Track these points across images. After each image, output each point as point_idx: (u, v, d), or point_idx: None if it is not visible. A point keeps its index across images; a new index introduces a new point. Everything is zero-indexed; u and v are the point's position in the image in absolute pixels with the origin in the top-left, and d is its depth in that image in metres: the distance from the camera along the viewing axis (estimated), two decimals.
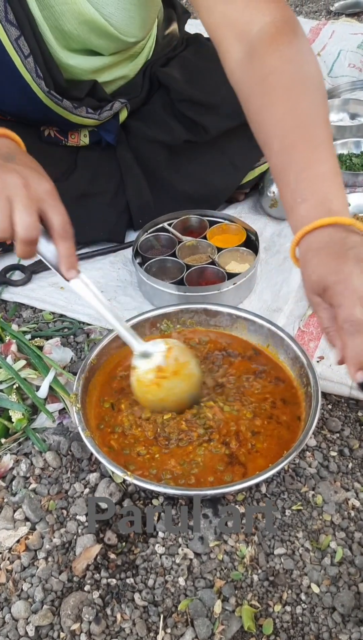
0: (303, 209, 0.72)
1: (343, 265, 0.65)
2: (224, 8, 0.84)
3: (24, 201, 0.71)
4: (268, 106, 0.79)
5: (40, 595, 0.73)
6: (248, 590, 0.73)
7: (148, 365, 0.84)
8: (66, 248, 0.76)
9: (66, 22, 1.00)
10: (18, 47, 0.96)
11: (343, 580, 0.73)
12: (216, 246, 1.16)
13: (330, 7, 2.50)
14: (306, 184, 0.73)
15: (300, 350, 0.90)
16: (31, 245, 0.73)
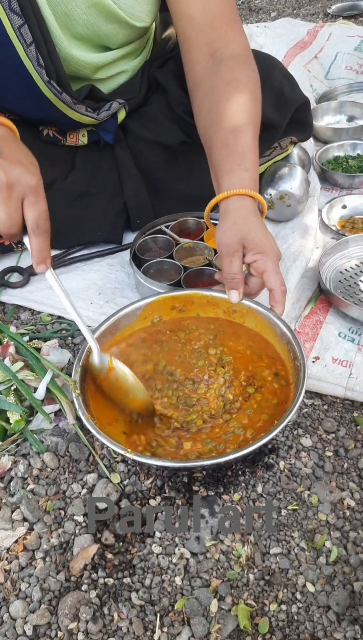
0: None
1: None
2: (206, 29, 1.03)
3: (5, 202, 0.76)
4: (226, 100, 0.98)
5: (38, 594, 0.73)
6: (244, 589, 0.73)
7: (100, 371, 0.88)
8: (37, 243, 0.80)
9: (75, 7, 1.02)
10: (21, 35, 0.97)
11: (338, 579, 0.73)
12: (213, 248, 1.16)
13: (327, 10, 2.51)
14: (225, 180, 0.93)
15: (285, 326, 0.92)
16: (13, 238, 0.81)
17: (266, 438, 0.76)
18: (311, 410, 0.94)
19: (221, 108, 0.98)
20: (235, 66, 1.02)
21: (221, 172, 0.95)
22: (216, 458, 0.76)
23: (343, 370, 0.97)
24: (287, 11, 2.63)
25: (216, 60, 1.03)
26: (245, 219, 0.90)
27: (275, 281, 0.88)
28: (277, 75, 1.23)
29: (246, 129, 0.97)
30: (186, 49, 1.07)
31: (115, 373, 0.87)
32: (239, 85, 1.00)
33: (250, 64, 1.05)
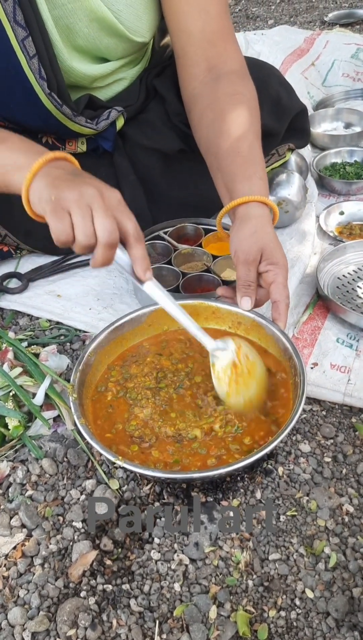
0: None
1: None
2: (205, 45, 1.05)
3: (103, 208, 0.76)
4: (232, 111, 1.00)
5: (37, 601, 0.73)
6: (243, 595, 0.73)
7: (225, 361, 0.86)
8: (141, 250, 0.81)
9: (77, 20, 1.03)
10: (24, 47, 0.98)
11: (337, 585, 0.73)
12: (211, 254, 1.17)
13: (324, 18, 2.53)
14: (241, 186, 0.95)
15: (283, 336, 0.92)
16: (112, 249, 0.78)
17: (258, 455, 0.76)
18: (309, 416, 0.94)
19: (228, 118, 1.00)
20: (236, 80, 1.05)
21: (237, 177, 0.96)
22: (209, 471, 0.77)
23: (341, 376, 0.97)
24: (284, 19, 2.64)
25: (214, 75, 1.05)
26: (264, 228, 0.91)
27: (282, 294, 0.89)
28: (274, 83, 1.24)
29: (255, 140, 1.00)
30: (183, 64, 1.09)
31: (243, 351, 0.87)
32: (242, 98, 1.03)
33: (249, 79, 1.08)
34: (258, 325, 0.97)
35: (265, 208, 0.93)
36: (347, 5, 2.69)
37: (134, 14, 1.05)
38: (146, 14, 1.07)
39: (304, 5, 2.75)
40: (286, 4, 2.81)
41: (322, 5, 2.72)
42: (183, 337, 1.01)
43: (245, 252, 0.90)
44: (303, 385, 0.84)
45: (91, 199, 0.76)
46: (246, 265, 0.90)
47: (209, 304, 1.01)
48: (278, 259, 0.90)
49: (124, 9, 1.04)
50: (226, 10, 1.08)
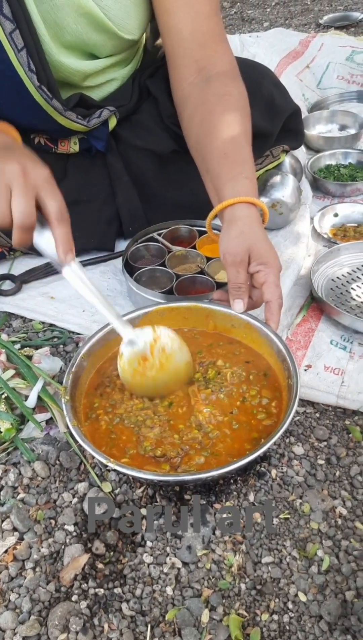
0: None
1: None
2: (195, 47, 1.05)
3: (22, 188, 0.75)
4: (221, 112, 1.01)
5: (28, 605, 0.73)
6: (235, 599, 0.73)
7: (133, 354, 0.86)
8: (63, 232, 0.79)
9: (65, 16, 1.02)
10: (12, 40, 0.97)
11: (330, 589, 0.73)
12: (205, 256, 1.17)
13: (319, 20, 2.54)
14: (227, 189, 0.94)
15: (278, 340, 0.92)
16: (28, 232, 0.77)
17: (251, 457, 0.76)
18: (303, 418, 0.94)
19: (216, 119, 1.00)
20: (226, 81, 1.05)
21: (223, 179, 0.96)
22: (201, 473, 0.76)
23: (335, 378, 0.97)
24: (280, 21, 2.65)
25: (204, 77, 1.06)
26: (252, 229, 0.91)
27: (274, 294, 0.89)
28: (267, 84, 1.24)
29: (244, 141, 1.00)
30: (174, 65, 1.10)
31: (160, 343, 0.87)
32: (232, 99, 1.03)
33: (239, 80, 1.08)
34: (251, 327, 0.97)
35: (252, 208, 0.93)
36: (342, 8, 2.69)
37: (123, 10, 1.05)
38: (135, 11, 1.07)
39: (299, 8, 2.76)
40: (281, 7, 2.82)
41: (317, 8, 2.73)
42: None
43: (233, 254, 0.90)
44: (296, 388, 0.84)
45: (11, 177, 0.75)
46: (235, 266, 0.90)
47: (203, 306, 1.01)
48: (267, 259, 0.89)
49: (113, 5, 1.04)
50: (217, 10, 1.07)
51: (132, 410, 0.89)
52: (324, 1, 2.79)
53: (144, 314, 1.00)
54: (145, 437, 0.85)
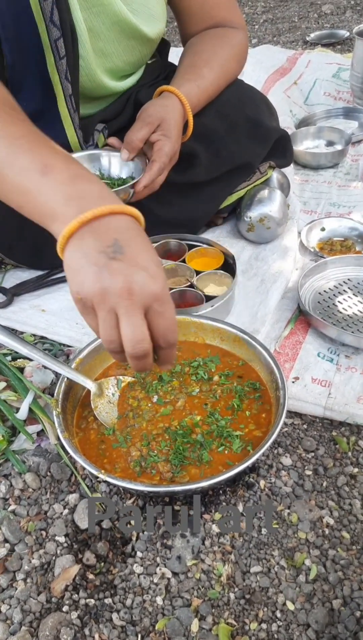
0: None
1: None
2: (206, 18, 1.22)
3: (129, 314, 0.63)
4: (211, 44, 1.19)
5: (19, 616, 0.73)
6: (224, 608, 0.74)
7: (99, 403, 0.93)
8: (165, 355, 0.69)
9: (101, 24, 1.06)
10: (56, 48, 0.98)
11: (317, 597, 0.74)
12: (194, 269, 1.18)
13: (306, 37, 2.58)
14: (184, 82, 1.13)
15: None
16: (144, 359, 0.66)
17: (239, 468, 0.77)
18: (291, 429, 0.96)
19: (204, 47, 1.18)
20: (229, 30, 1.22)
21: (178, 77, 1.13)
22: (191, 484, 0.77)
23: (322, 390, 0.98)
24: (267, 38, 2.70)
25: (209, 29, 1.22)
26: (174, 111, 1.07)
27: (160, 157, 1.04)
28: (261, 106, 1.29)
29: (216, 67, 1.17)
30: (182, 19, 1.24)
31: None
32: (226, 39, 1.19)
33: (244, 34, 1.24)
34: (240, 340, 0.99)
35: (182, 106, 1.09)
36: (329, 25, 2.74)
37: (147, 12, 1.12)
38: (156, 8, 1.13)
39: (287, 25, 2.81)
40: (269, 24, 2.87)
41: (304, 25, 2.78)
42: None
43: (149, 114, 1.05)
44: (284, 400, 0.86)
45: (116, 300, 0.63)
46: (143, 123, 1.04)
47: (193, 319, 1.03)
48: (171, 135, 1.04)
49: (139, 9, 1.10)
50: None
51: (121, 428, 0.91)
52: (311, 19, 2.85)
53: None
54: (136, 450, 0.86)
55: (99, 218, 0.66)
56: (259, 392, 0.93)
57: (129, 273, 0.63)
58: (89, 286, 0.63)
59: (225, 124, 1.23)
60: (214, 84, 1.18)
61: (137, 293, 0.62)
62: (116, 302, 0.63)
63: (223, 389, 0.94)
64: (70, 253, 0.66)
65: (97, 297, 0.63)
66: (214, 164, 1.25)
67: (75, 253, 0.65)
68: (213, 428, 0.88)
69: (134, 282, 0.62)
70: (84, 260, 0.64)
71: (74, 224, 0.65)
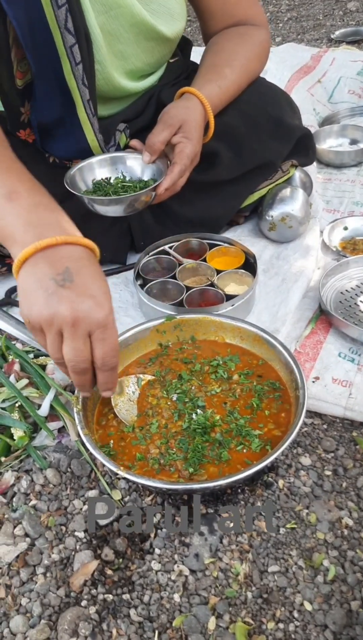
0: None
1: None
2: (226, 18, 1.22)
3: (71, 338, 0.71)
4: (233, 43, 1.19)
5: (39, 610, 0.74)
6: (242, 607, 0.74)
7: None
8: (103, 378, 0.79)
9: (119, 26, 1.07)
10: (71, 54, 0.99)
11: (335, 598, 0.74)
12: (215, 268, 1.18)
13: (331, 35, 2.56)
14: (205, 83, 1.13)
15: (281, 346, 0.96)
16: (83, 375, 0.76)
17: (258, 467, 0.77)
18: (310, 429, 0.95)
19: (225, 46, 1.18)
20: (250, 28, 1.22)
21: (199, 78, 1.14)
22: (209, 482, 0.78)
23: (342, 390, 0.98)
24: (292, 36, 2.68)
25: (231, 27, 1.23)
26: (195, 113, 1.07)
27: (182, 159, 1.04)
28: (284, 106, 1.28)
29: (238, 66, 1.17)
30: (205, 17, 1.25)
31: None
32: (248, 38, 1.20)
33: (265, 32, 1.24)
34: (260, 340, 0.99)
35: (203, 108, 1.09)
36: (354, 23, 2.72)
37: (166, 11, 1.12)
38: (175, 7, 1.13)
39: (311, 23, 2.79)
40: (294, 22, 2.85)
41: (329, 23, 2.76)
42: None
43: (171, 116, 1.05)
44: (303, 399, 0.86)
45: (61, 324, 0.70)
46: (164, 125, 1.04)
47: (213, 318, 1.03)
48: (193, 136, 1.04)
49: (157, 8, 1.10)
50: None
51: None
52: (336, 16, 2.82)
53: (155, 325, 1.02)
54: (154, 447, 0.87)
55: (54, 246, 0.72)
56: (279, 392, 0.93)
57: (76, 301, 0.69)
58: (38, 310, 0.70)
59: (247, 123, 1.23)
60: (235, 83, 1.18)
61: (81, 320, 0.69)
62: (62, 327, 0.70)
63: (243, 388, 0.94)
64: (23, 276, 0.71)
65: (45, 322, 0.70)
66: (235, 163, 1.24)
67: (28, 277, 0.71)
68: (232, 427, 0.88)
69: (80, 311, 0.69)
70: (36, 285, 0.70)
71: (30, 249, 0.71)
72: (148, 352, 1.04)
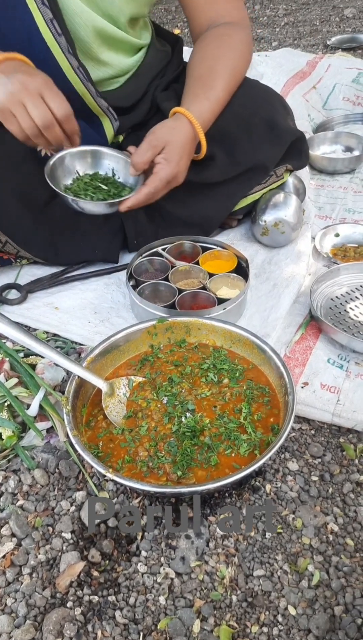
0: None
1: None
2: (207, 8, 1.23)
3: (30, 98, 0.96)
4: (214, 47, 1.20)
5: (24, 610, 0.74)
6: (226, 610, 0.74)
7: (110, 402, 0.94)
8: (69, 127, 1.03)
9: None
10: (53, 27, 1.06)
11: (319, 603, 0.75)
12: (208, 272, 1.19)
13: (327, 41, 2.58)
14: (194, 100, 1.16)
15: None
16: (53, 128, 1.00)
17: (246, 471, 0.78)
18: (298, 434, 0.96)
19: (208, 53, 1.20)
20: (229, 27, 1.23)
21: (188, 94, 1.16)
22: (197, 486, 0.78)
23: (331, 396, 0.99)
24: (288, 41, 2.69)
25: (211, 26, 1.24)
26: (180, 135, 1.11)
27: (154, 183, 1.09)
28: (278, 108, 1.28)
29: (223, 71, 1.18)
30: (189, 17, 1.28)
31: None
32: (228, 39, 1.21)
33: (243, 29, 1.24)
34: (251, 344, 0.99)
35: (192, 127, 1.12)
36: (350, 30, 2.74)
37: None
38: None
39: (308, 29, 2.80)
40: (290, 27, 2.86)
41: (326, 29, 2.78)
42: None
43: (156, 137, 1.09)
44: (292, 405, 0.86)
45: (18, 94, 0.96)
46: (149, 145, 1.09)
47: (205, 321, 1.04)
48: (173, 160, 1.09)
49: None
50: None
51: None
52: (332, 23, 2.84)
53: (146, 327, 1.03)
54: (142, 449, 0.87)
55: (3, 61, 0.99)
56: (268, 396, 0.94)
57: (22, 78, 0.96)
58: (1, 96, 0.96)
59: (239, 125, 1.24)
60: (224, 90, 1.19)
61: (29, 83, 0.96)
62: (20, 96, 0.96)
63: (232, 392, 0.95)
64: None
65: (8, 101, 0.96)
66: (228, 165, 1.25)
67: None
68: (221, 431, 0.89)
69: (26, 80, 0.96)
70: None
71: None
72: (139, 353, 1.04)
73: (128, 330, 1.02)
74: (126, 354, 1.03)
